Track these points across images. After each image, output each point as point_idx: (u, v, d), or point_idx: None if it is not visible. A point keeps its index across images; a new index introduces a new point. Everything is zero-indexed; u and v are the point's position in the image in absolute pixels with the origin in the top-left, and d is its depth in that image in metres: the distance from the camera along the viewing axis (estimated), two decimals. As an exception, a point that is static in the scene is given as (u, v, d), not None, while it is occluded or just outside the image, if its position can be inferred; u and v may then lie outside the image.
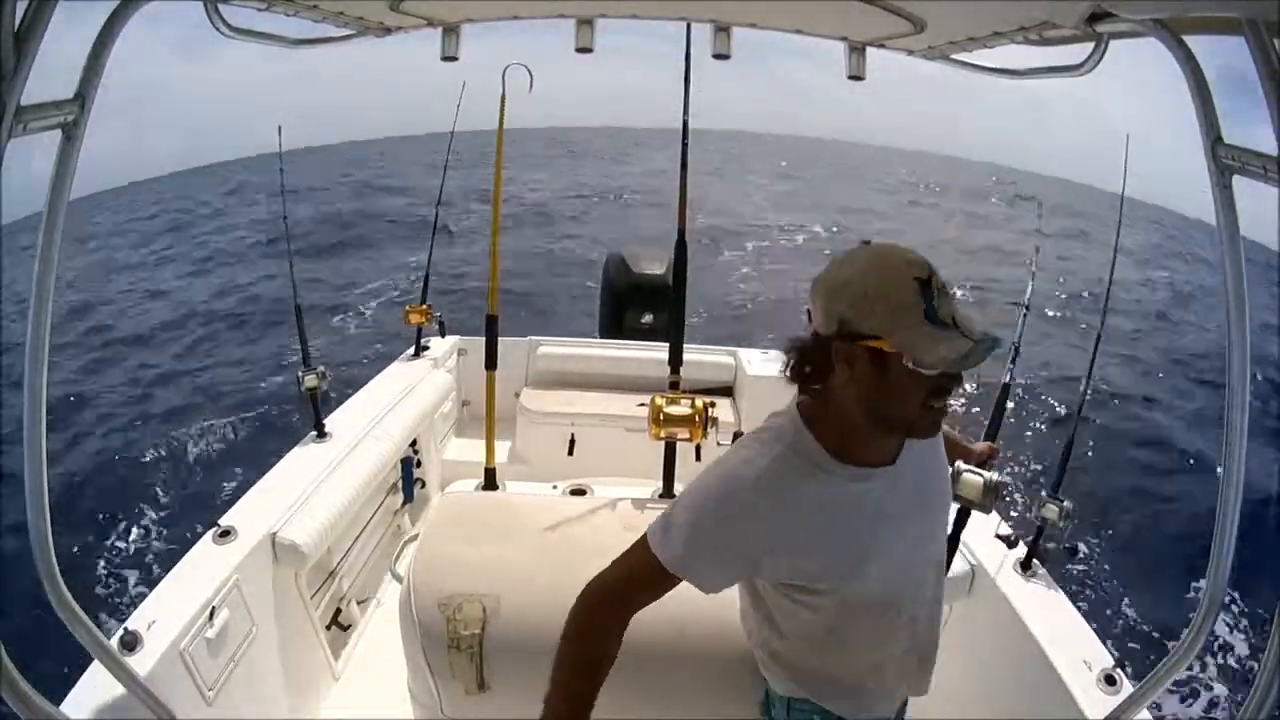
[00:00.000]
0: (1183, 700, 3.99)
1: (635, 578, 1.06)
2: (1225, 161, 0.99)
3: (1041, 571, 1.98)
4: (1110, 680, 1.61)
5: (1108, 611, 4.64)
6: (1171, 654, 1.16)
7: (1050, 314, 11.49)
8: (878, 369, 0.95)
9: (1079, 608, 1.89)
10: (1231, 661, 4.30)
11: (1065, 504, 1.91)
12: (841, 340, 0.96)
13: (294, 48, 1.58)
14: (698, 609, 1.17)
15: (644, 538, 1.06)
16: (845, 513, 1.03)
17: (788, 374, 1.06)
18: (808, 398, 1.07)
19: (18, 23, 0.83)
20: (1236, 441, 1.04)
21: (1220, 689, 4.12)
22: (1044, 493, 1.96)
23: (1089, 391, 2.03)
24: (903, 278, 0.93)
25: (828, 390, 1.03)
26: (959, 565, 2.04)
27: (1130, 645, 4.35)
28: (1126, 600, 4.76)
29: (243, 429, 6.92)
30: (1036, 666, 1.71)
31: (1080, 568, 4.97)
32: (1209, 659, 4.27)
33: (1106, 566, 5.09)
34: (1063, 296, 12.26)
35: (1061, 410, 7.43)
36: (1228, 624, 4.49)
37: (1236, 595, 4.66)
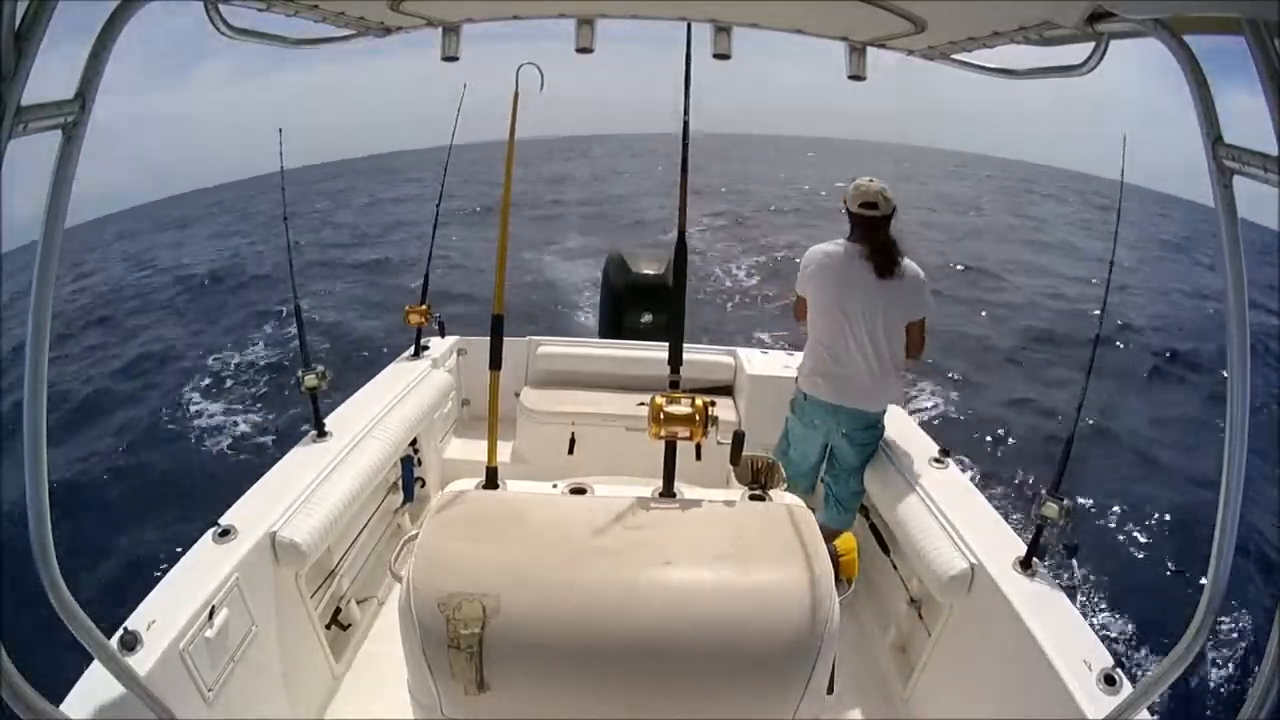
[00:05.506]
0: (1183, 700, 3.98)
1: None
2: (1225, 162, 0.99)
3: (1041, 570, 1.97)
4: (1110, 680, 1.61)
5: (1108, 611, 4.65)
6: (1172, 654, 1.16)
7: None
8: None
9: (1079, 607, 1.88)
10: (1231, 661, 4.29)
11: (1065, 502, 1.90)
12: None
13: (294, 48, 1.58)
14: (707, 606, 1.17)
15: None
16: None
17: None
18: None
19: (18, 23, 0.83)
20: (1237, 441, 1.04)
21: (1220, 689, 4.12)
22: (1044, 491, 1.96)
23: (1088, 390, 2.03)
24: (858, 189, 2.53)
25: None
26: (958, 564, 2.04)
27: (1130, 645, 4.36)
28: (1126, 600, 4.75)
29: (243, 428, 6.92)
30: (1036, 666, 1.71)
31: (1081, 567, 4.98)
32: (1209, 659, 4.27)
33: (1107, 565, 5.08)
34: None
35: (1061, 408, 7.43)
36: (1227, 624, 4.49)
37: (1236, 595, 4.66)
